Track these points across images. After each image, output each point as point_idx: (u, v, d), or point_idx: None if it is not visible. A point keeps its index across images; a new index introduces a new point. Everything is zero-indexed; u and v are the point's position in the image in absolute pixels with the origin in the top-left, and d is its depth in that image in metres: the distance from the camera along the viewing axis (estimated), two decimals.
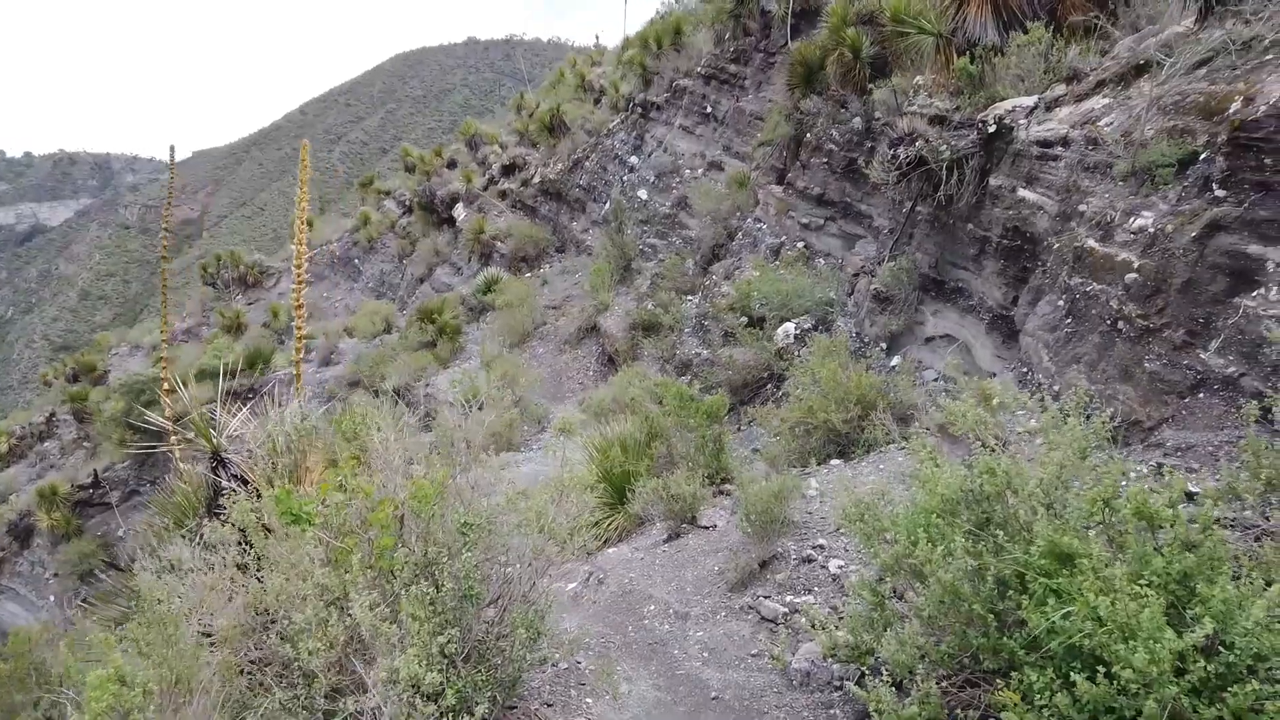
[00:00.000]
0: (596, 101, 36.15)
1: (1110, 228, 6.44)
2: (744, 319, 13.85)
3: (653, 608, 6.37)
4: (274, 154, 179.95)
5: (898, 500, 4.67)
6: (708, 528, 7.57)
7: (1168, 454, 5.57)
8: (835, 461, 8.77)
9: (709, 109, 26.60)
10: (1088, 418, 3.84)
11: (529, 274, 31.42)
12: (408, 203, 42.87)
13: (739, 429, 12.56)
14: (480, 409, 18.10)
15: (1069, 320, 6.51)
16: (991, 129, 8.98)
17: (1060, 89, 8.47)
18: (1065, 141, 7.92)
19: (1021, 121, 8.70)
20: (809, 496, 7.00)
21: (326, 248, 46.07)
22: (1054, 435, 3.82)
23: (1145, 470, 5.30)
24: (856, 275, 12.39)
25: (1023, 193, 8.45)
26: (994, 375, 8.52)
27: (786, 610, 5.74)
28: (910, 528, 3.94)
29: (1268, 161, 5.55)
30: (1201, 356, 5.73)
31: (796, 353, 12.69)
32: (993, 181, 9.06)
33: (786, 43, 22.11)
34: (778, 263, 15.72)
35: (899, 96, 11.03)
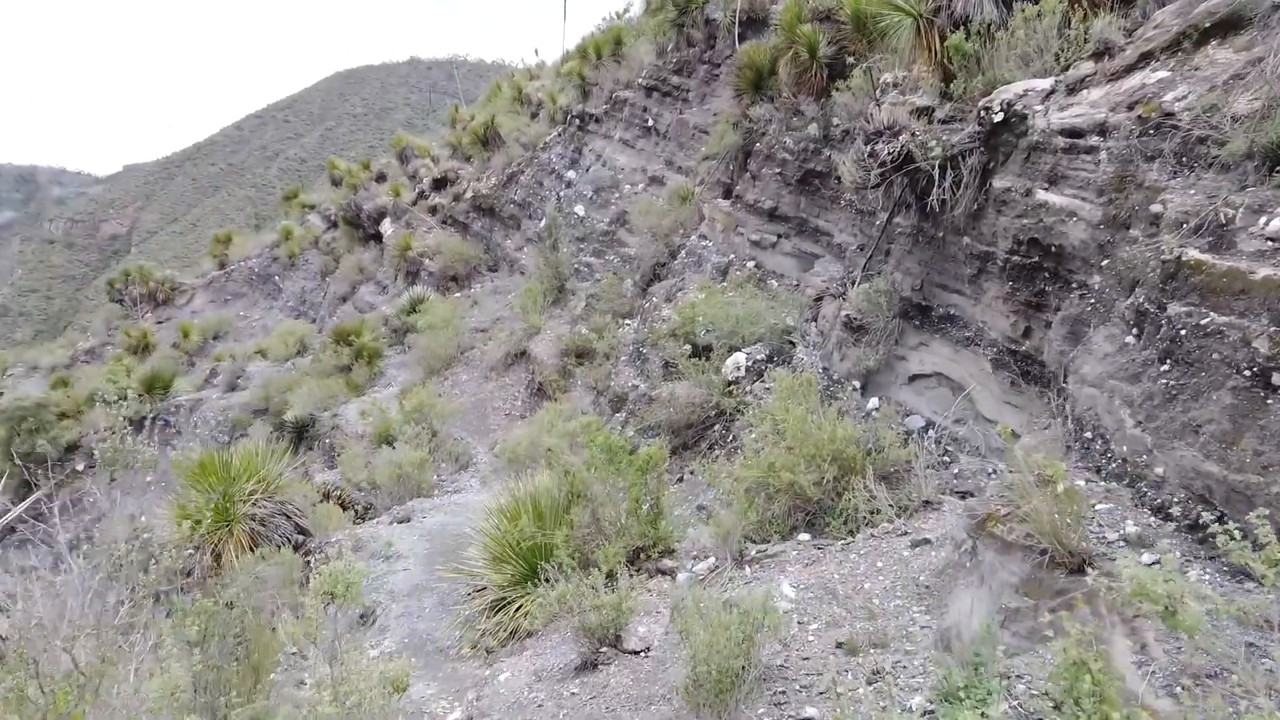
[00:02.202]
0: (534, 115, 34.29)
1: (1225, 232, 4.64)
2: (687, 347, 11.92)
3: None
4: (208, 169, 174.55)
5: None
6: (637, 652, 5.53)
7: None
8: (803, 537, 6.84)
9: (650, 122, 24.92)
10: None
11: (459, 294, 29.24)
12: (333, 217, 40.34)
13: (680, 479, 10.57)
14: (392, 445, 15.61)
15: (1168, 368, 4.68)
16: (998, 118, 7.22)
17: (1087, 67, 6.76)
18: (1103, 129, 6.17)
19: (1037, 108, 6.95)
20: (782, 610, 5.01)
21: (245, 264, 43.18)
22: None
23: None
24: (819, 299, 10.55)
25: (1043, 195, 6.67)
26: (1016, 433, 6.69)
27: None
28: None
29: None
30: None
31: (748, 388, 10.78)
32: (998, 184, 7.28)
33: (733, 52, 20.56)
34: (725, 283, 13.87)
35: (875, 86, 9.24)
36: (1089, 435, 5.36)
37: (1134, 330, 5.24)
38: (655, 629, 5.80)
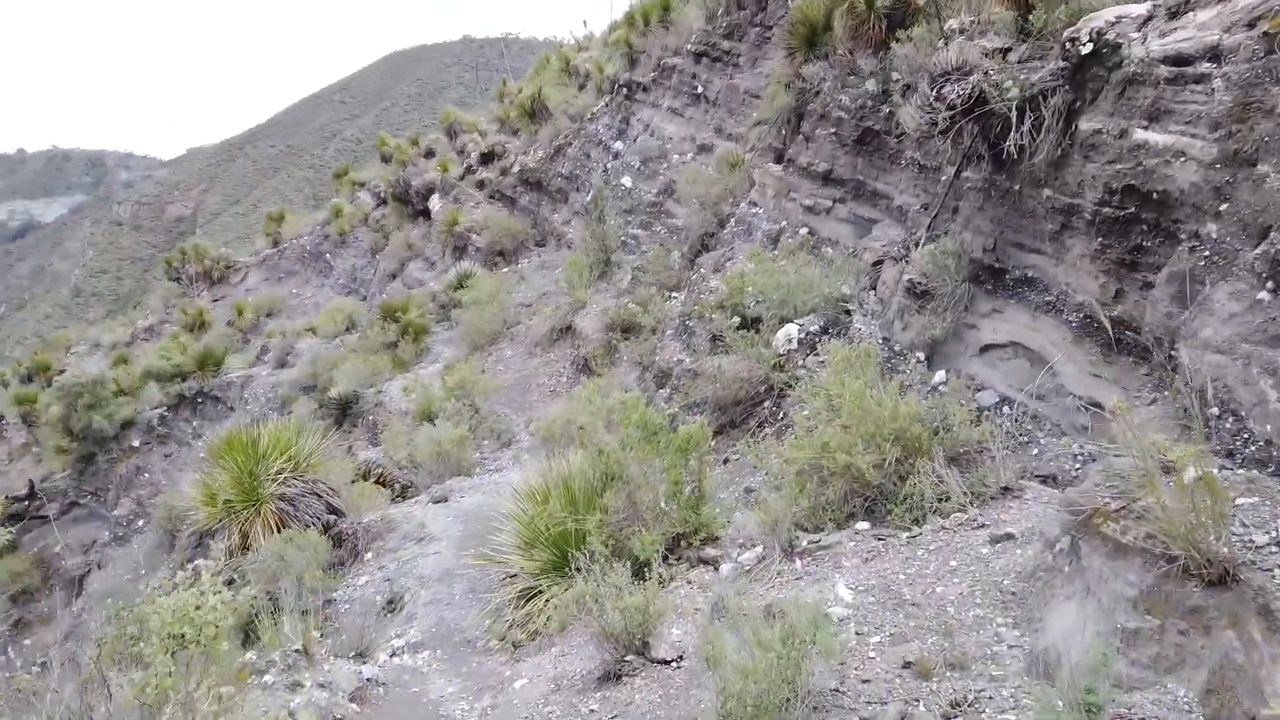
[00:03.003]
0: (581, 87, 33.54)
1: None
2: (735, 319, 11.18)
3: None
4: (268, 151, 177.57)
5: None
6: (668, 662, 4.86)
7: None
8: (861, 526, 6.10)
9: (700, 89, 24.00)
10: None
11: (506, 269, 28.78)
12: (382, 194, 40.16)
13: (726, 459, 9.87)
14: (433, 423, 15.14)
15: None
16: (1085, 49, 6.32)
17: None
18: (1217, 53, 5.27)
19: (1133, 36, 6.05)
20: (837, 618, 4.29)
21: (297, 241, 43.34)
22: None
23: None
24: (879, 264, 9.71)
25: (1142, 135, 5.79)
26: (1096, 404, 5.86)
27: None
28: None
29: None
30: None
31: (800, 362, 10.01)
32: (1085, 125, 6.40)
33: (785, 12, 19.54)
34: (776, 252, 13.06)
35: (941, 34, 8.34)
36: (1215, 412, 4.51)
37: (1268, 284, 4.39)
38: (692, 632, 5.13)
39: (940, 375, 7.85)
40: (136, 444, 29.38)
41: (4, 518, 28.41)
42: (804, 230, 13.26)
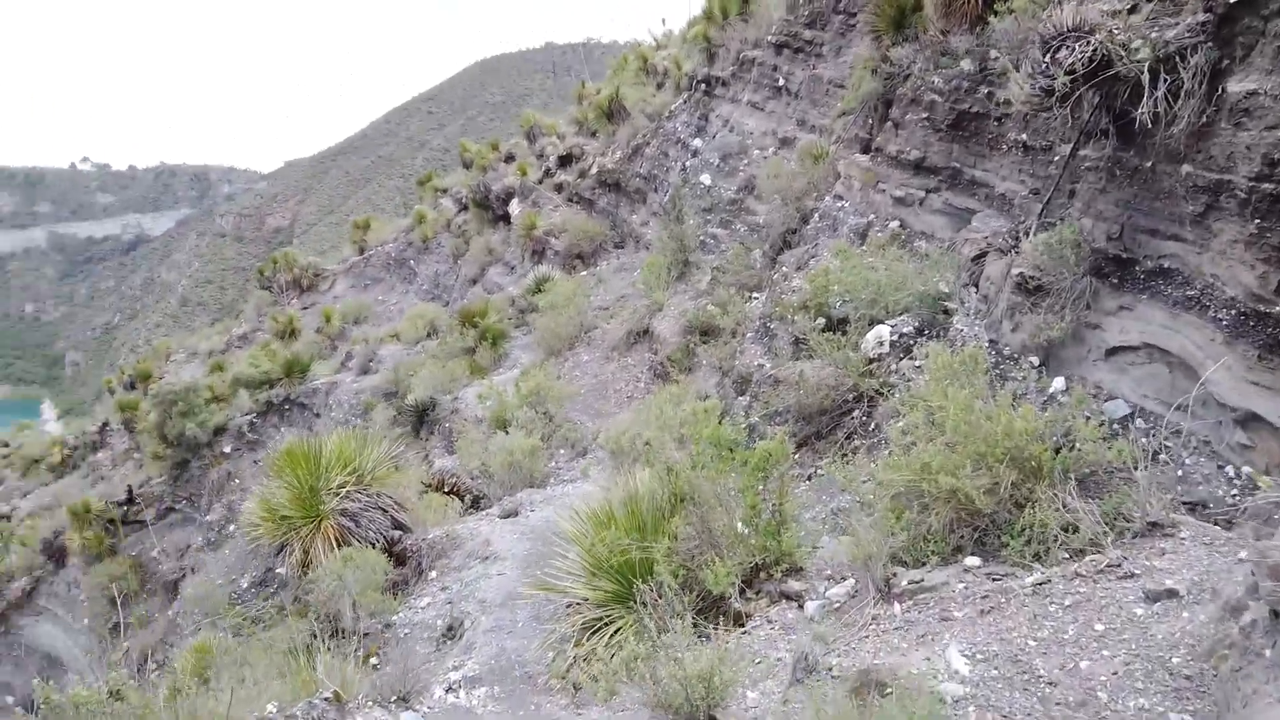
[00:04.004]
0: (660, 85, 32.92)
1: None
2: (820, 321, 10.31)
3: None
4: (359, 162, 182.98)
5: None
6: None
7: None
8: (971, 561, 5.23)
9: (781, 81, 23.08)
10: None
11: (584, 272, 28.36)
12: (464, 200, 40.30)
13: (810, 475, 9.03)
14: (506, 431, 14.65)
15: None
16: None
17: None
18: None
19: None
20: (951, 697, 3.47)
21: (382, 249, 43.90)
22: None
23: None
24: (980, 257, 8.72)
25: None
26: (1255, 416, 4.86)
27: None
28: None
29: None
30: None
31: (893, 367, 9.11)
32: (1235, 87, 5.40)
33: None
34: (864, 247, 12.14)
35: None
36: None
37: None
38: (772, 693, 4.36)
39: (1059, 383, 6.86)
40: (228, 450, 29.99)
41: (104, 522, 29.39)
42: (894, 223, 12.30)
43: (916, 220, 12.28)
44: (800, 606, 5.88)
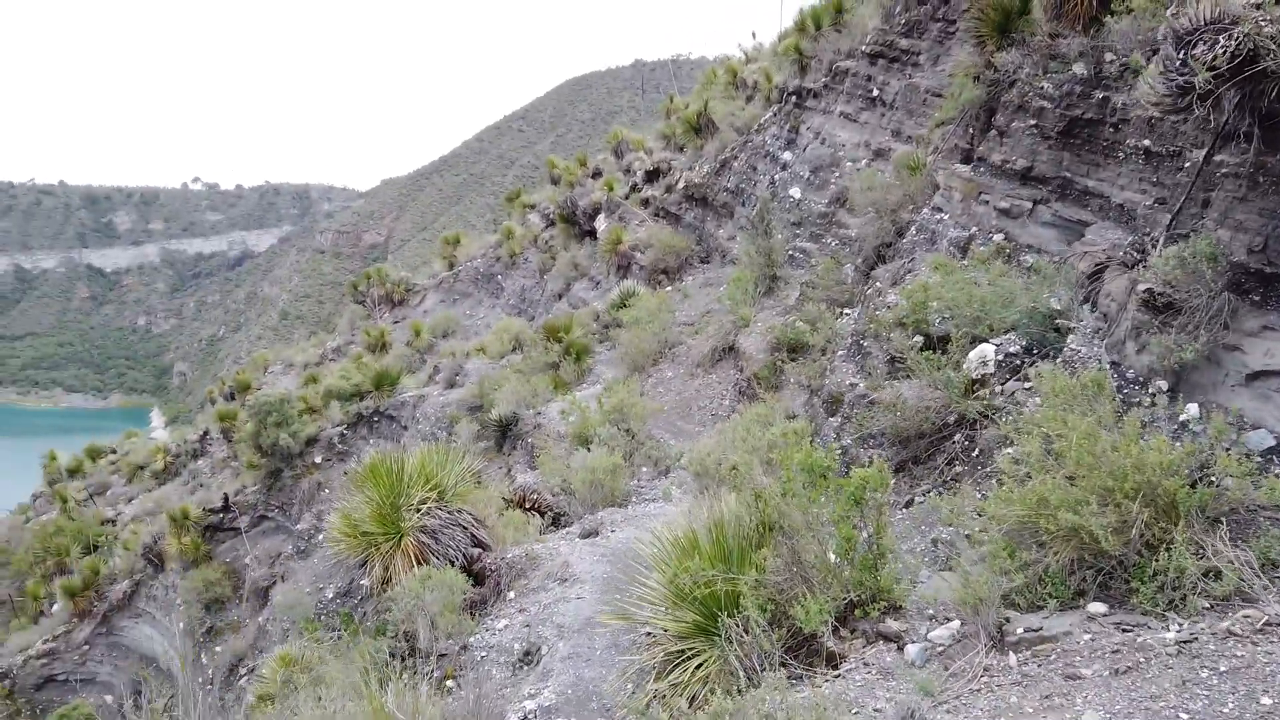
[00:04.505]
0: (749, 99, 32.57)
1: None
2: (918, 339, 9.76)
3: None
4: (452, 180, 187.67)
5: None
6: None
7: None
8: (1096, 608, 4.70)
9: (875, 91, 22.48)
10: None
11: (669, 287, 28.11)
12: (551, 215, 40.63)
13: (909, 502, 8.50)
14: (588, 448, 14.44)
15: None
16: None
17: None
18: None
19: None
20: None
21: (471, 264, 44.58)
22: None
23: None
24: (1099, 272, 8.06)
25: None
26: None
27: None
28: None
29: None
30: None
31: (998, 389, 8.51)
32: None
33: (970, 4, 17.81)
34: (966, 261, 11.51)
35: None
36: None
37: None
38: None
39: (1192, 410, 6.20)
40: (319, 460, 30.68)
41: (201, 528, 30.37)
42: (998, 236, 11.64)
43: (1023, 233, 11.60)
44: (900, 649, 5.41)
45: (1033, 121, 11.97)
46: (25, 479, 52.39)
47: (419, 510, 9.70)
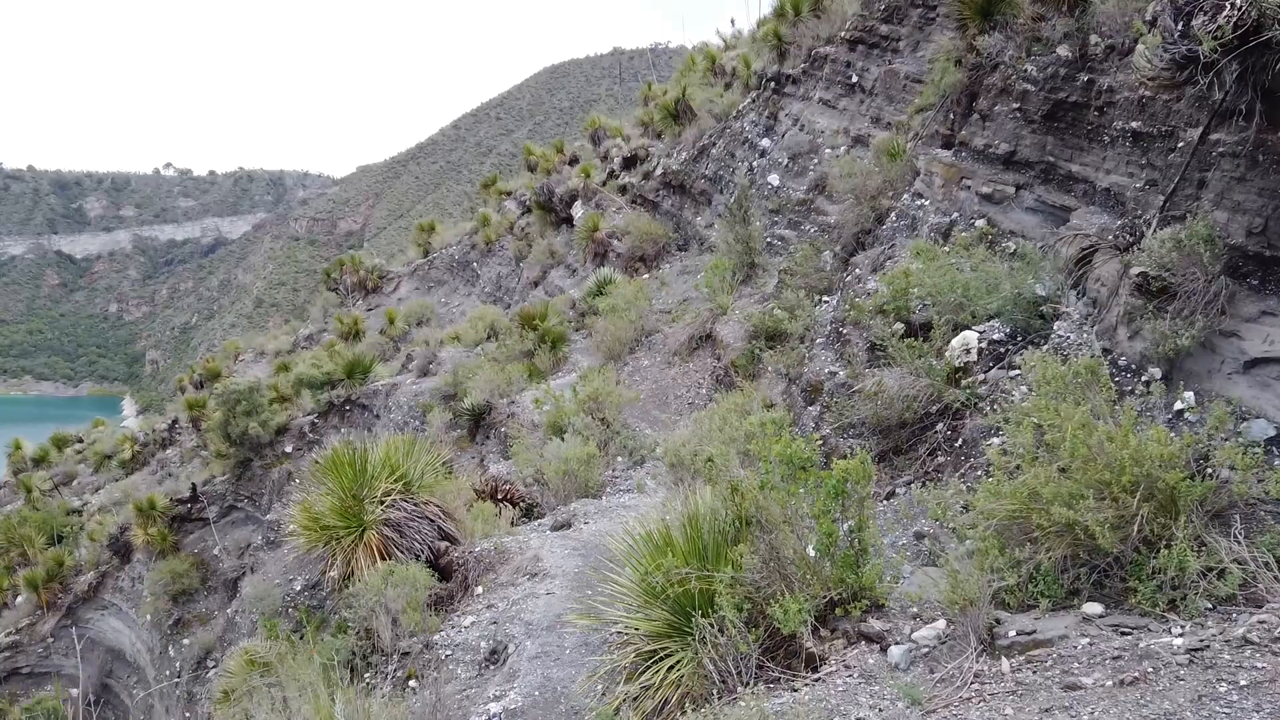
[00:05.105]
0: (728, 86, 32.18)
1: None
2: (899, 326, 9.49)
3: None
4: (429, 167, 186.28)
5: None
6: None
7: None
8: (1091, 609, 4.43)
9: (855, 78, 22.18)
10: None
11: (646, 275, 27.76)
12: (527, 203, 40.14)
13: (890, 494, 8.23)
14: (562, 437, 14.07)
15: None
16: None
17: None
18: None
19: None
20: None
21: (446, 251, 43.98)
22: None
23: None
24: (1085, 257, 7.81)
25: None
26: None
27: None
28: None
29: None
30: None
31: (982, 376, 8.26)
32: None
33: None
34: (948, 248, 11.25)
35: None
36: None
37: None
38: None
39: (1188, 398, 5.95)
40: (289, 450, 30.09)
41: (168, 519, 29.72)
42: (981, 222, 11.40)
43: (1006, 218, 11.36)
44: (883, 650, 5.12)
45: (1016, 105, 11.72)
46: None
47: (383, 503, 9.32)
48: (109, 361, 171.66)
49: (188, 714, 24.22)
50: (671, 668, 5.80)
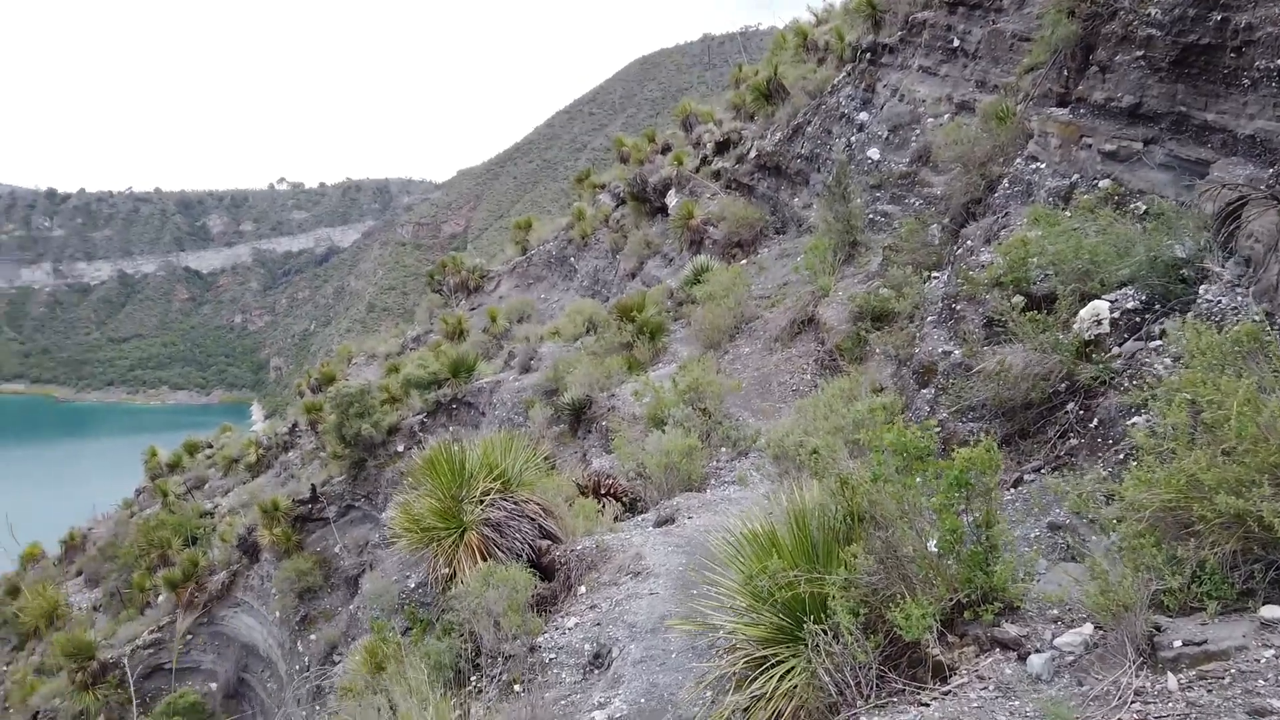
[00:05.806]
0: (820, 61, 31.19)
1: None
2: (1019, 298, 8.76)
3: None
4: (526, 167, 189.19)
5: None
6: None
7: None
8: (1270, 612, 3.81)
9: (955, 41, 21.10)
10: None
11: (743, 260, 27.20)
12: (621, 194, 40.02)
13: (1017, 481, 7.59)
14: (663, 429, 13.74)
15: None
16: None
17: None
18: None
19: None
20: None
21: (543, 247, 44.33)
22: None
23: None
24: (1233, 211, 6.98)
25: None
26: None
27: None
28: None
29: None
30: None
31: (1116, 349, 7.52)
32: None
33: None
34: (1068, 212, 10.39)
35: None
36: None
37: None
38: None
39: None
40: (401, 449, 30.80)
41: (291, 519, 30.86)
42: (1105, 182, 10.50)
43: (1133, 177, 10.43)
44: (1020, 658, 4.59)
45: (1139, 53, 10.73)
46: (135, 474, 54.56)
47: (482, 502, 9.19)
48: (237, 369, 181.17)
49: (317, 706, 25.09)
50: (784, 676, 5.39)
